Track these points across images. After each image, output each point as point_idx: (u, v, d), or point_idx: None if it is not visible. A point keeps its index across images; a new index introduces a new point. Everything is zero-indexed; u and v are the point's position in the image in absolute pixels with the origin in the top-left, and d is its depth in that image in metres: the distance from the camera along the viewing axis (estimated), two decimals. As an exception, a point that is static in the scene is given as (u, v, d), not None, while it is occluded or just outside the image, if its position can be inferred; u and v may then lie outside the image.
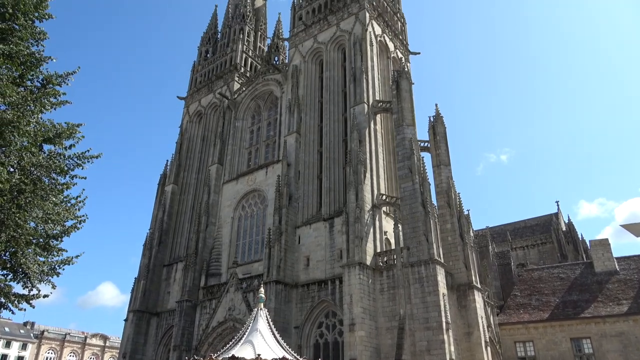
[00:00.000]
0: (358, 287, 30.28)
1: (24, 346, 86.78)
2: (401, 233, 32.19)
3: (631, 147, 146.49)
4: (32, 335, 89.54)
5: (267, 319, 20.54)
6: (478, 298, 33.31)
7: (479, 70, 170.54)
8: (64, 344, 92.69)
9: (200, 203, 47.66)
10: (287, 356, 18.70)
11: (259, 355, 17.58)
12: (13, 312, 14.41)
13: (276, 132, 46.40)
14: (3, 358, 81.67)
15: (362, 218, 32.82)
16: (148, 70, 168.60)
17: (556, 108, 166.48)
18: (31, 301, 14.19)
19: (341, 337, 31.84)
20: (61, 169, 13.44)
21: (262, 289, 22.55)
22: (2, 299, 13.67)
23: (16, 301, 13.87)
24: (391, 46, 46.73)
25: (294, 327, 34.27)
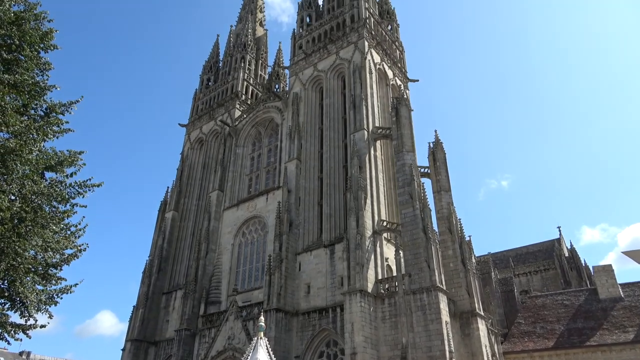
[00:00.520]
0: (359, 315, 29.86)
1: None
2: (402, 259, 31.95)
3: (633, 172, 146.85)
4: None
5: (267, 349, 20.22)
6: (482, 326, 32.77)
7: (478, 96, 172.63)
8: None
9: (200, 230, 47.49)
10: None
11: (259, 386, 17.23)
12: (9, 343, 14.18)
13: (277, 159, 46.63)
14: (-3, 389, 79.88)
15: (363, 244, 32.64)
16: (149, 97, 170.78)
17: (556, 133, 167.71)
18: (28, 331, 13.98)
19: (343, 367, 31.21)
20: (62, 197, 13.46)
21: (262, 318, 22.27)
22: (-1, 329, 13.48)
23: (12, 331, 13.66)
24: (390, 74, 47.40)
25: (295, 357, 33.63)
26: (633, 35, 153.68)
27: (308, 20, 51.96)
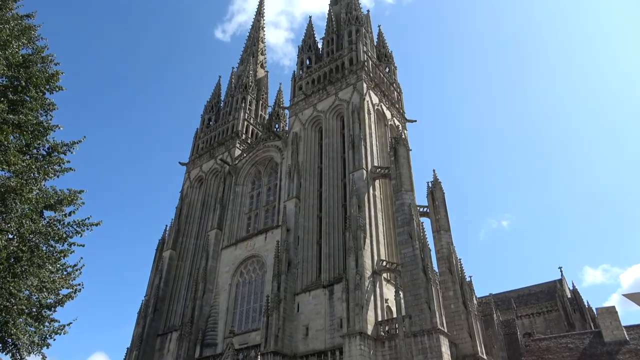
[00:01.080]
0: (359, 359, 29.09)
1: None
2: (402, 300, 31.44)
3: (634, 212, 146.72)
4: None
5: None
6: (484, 370, 31.88)
7: (477, 136, 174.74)
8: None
9: (197, 269, 46.93)
10: None
11: None
12: (-1, 386, 13.76)
13: (276, 198, 46.69)
14: None
15: (363, 285, 32.20)
16: (150, 136, 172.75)
17: (556, 173, 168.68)
18: (19, 375, 13.59)
19: (342, 414, 30.11)
20: (60, 237, 13.41)
21: (259, 361, 21.68)
22: (-12, 373, 13.12)
23: (3, 374, 13.30)
24: (388, 114, 48.20)
25: (292, 403, 32.52)
26: (631, 78, 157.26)
27: (308, 62, 53.32)
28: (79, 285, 14.34)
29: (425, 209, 38.03)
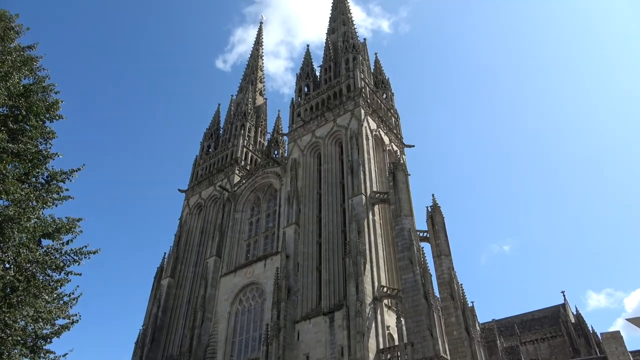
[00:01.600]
0: (361, 388, 28.48)
1: None
2: (404, 327, 30.99)
3: (637, 235, 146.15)
4: None
5: None
6: (489, 399, 31.17)
7: (476, 160, 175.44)
8: None
9: (196, 297, 46.35)
10: None
11: None
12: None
13: (275, 224, 46.53)
14: None
15: (363, 312, 31.78)
16: (149, 164, 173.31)
17: (557, 197, 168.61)
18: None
19: None
20: (57, 266, 13.30)
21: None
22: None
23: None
24: (386, 140, 48.54)
25: None
26: (631, 101, 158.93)
27: (306, 89, 54.04)
28: (76, 315, 14.14)
29: (425, 234, 37.85)
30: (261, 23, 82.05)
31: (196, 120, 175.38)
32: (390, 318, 35.02)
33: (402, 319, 31.36)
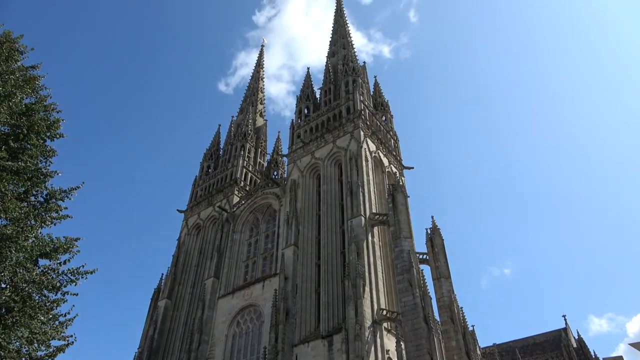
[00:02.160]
0: (360, 414, 27.86)
1: None
2: (404, 351, 30.51)
3: (638, 260, 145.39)
4: None
5: None
6: None
7: (475, 182, 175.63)
8: None
9: (193, 319, 45.70)
10: None
11: None
12: None
13: (274, 245, 46.23)
14: None
15: (363, 335, 31.32)
16: (148, 183, 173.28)
17: (557, 220, 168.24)
18: None
19: None
20: (53, 286, 13.13)
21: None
22: None
23: None
24: (386, 161, 48.68)
25: None
26: (635, 126, 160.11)
27: (306, 111, 54.46)
28: (71, 336, 13.91)
29: (424, 256, 37.57)
30: (262, 46, 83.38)
31: (197, 141, 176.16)
32: (389, 342, 34.49)
33: (402, 343, 30.91)
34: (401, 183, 42.61)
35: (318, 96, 55.89)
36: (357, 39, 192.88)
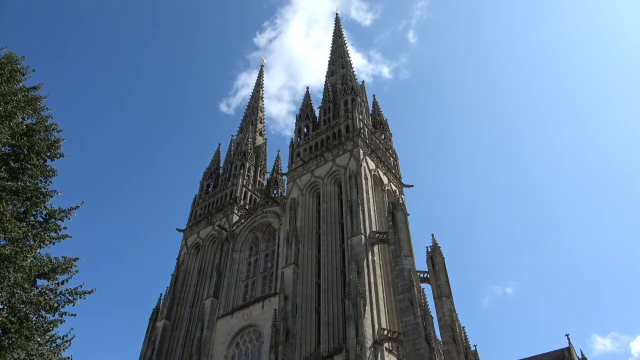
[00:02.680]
0: None
1: None
2: (406, 372, 30.03)
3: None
4: None
5: None
6: None
7: (476, 200, 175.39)
8: None
9: (192, 340, 45.12)
10: None
11: None
12: None
13: (274, 264, 45.96)
14: None
15: (364, 356, 30.90)
16: (148, 202, 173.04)
17: (560, 238, 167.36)
18: None
19: None
20: (51, 306, 13.01)
21: None
22: None
23: None
24: (385, 180, 48.74)
25: None
26: (631, 137, 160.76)
27: (306, 130, 54.76)
28: (68, 358, 13.74)
29: (425, 275, 37.30)
30: (262, 65, 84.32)
31: (197, 160, 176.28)
32: (391, 362, 34.03)
33: (404, 364, 30.47)
34: (401, 201, 42.60)
35: (317, 115, 56.26)
36: (357, 60, 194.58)
